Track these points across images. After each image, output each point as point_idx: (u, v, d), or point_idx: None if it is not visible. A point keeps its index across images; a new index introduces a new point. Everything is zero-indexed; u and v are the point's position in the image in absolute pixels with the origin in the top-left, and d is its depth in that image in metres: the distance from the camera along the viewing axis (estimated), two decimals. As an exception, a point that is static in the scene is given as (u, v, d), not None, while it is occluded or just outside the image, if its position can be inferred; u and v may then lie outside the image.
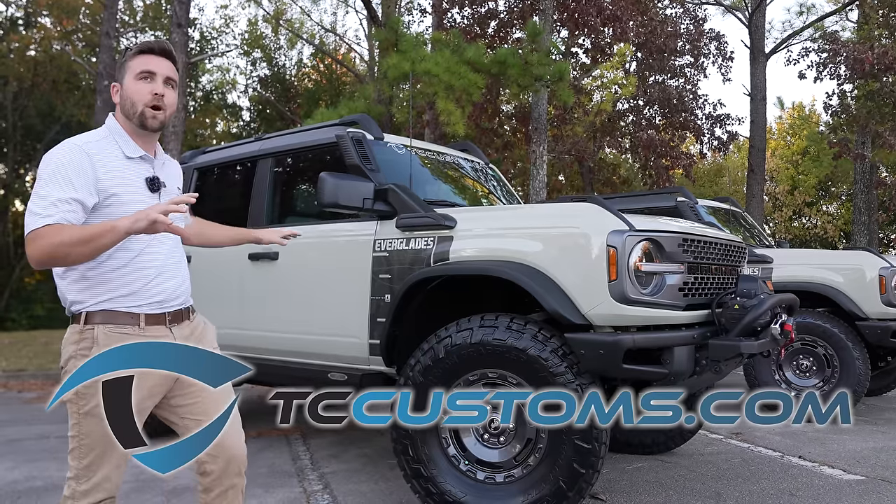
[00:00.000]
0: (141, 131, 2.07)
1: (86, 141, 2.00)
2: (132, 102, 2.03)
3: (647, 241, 2.97)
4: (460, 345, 3.06)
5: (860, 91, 14.59)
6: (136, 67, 2.04)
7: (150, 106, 2.03)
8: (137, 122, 2.04)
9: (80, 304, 1.99)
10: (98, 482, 2.00)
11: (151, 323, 2.04)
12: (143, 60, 2.04)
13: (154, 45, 2.06)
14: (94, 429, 1.96)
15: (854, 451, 4.65)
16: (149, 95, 2.02)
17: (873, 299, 5.55)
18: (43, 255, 1.82)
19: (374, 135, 4.16)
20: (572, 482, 2.88)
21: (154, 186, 2.07)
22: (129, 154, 2.04)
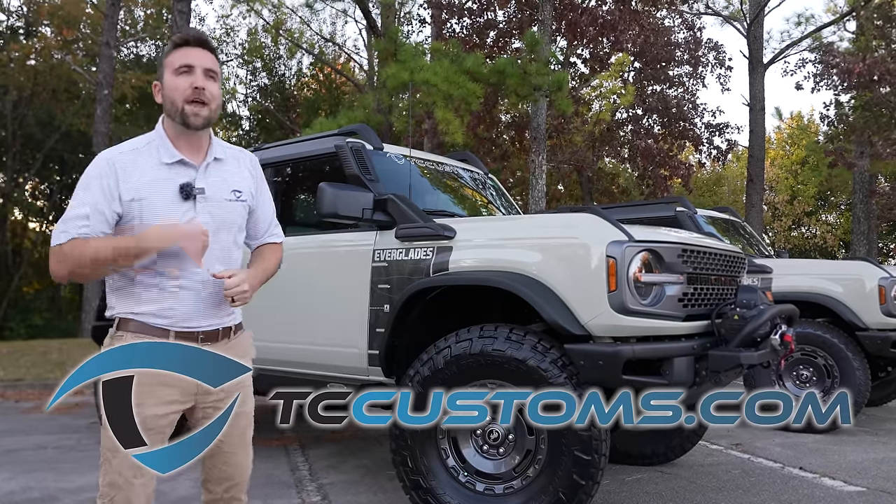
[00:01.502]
0: (186, 131, 1.95)
1: (120, 151, 1.95)
2: (172, 100, 1.92)
3: (646, 252, 2.97)
4: (460, 355, 3.06)
5: (857, 101, 14.64)
6: (174, 62, 1.92)
7: (190, 101, 1.90)
8: (180, 120, 1.92)
9: (114, 309, 1.98)
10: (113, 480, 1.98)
11: (182, 338, 1.96)
12: (181, 54, 1.92)
13: (190, 36, 1.95)
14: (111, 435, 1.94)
15: (855, 462, 4.64)
16: (189, 90, 1.90)
17: (873, 309, 5.54)
18: (63, 272, 1.87)
19: (374, 145, 4.16)
20: (572, 494, 2.87)
21: (187, 194, 1.92)
22: (166, 160, 1.93)
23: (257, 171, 2.16)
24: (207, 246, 1.89)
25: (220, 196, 1.99)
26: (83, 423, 5.98)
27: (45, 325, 20.14)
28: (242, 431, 2.13)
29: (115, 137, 18.19)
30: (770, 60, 16.87)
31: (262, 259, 2.21)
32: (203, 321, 1.99)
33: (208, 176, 1.98)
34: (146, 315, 1.94)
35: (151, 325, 1.93)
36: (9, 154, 20.49)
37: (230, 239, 2.05)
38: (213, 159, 2.01)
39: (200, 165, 1.98)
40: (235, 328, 2.11)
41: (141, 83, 19.07)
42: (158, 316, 1.94)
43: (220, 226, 1.99)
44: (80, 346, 11.43)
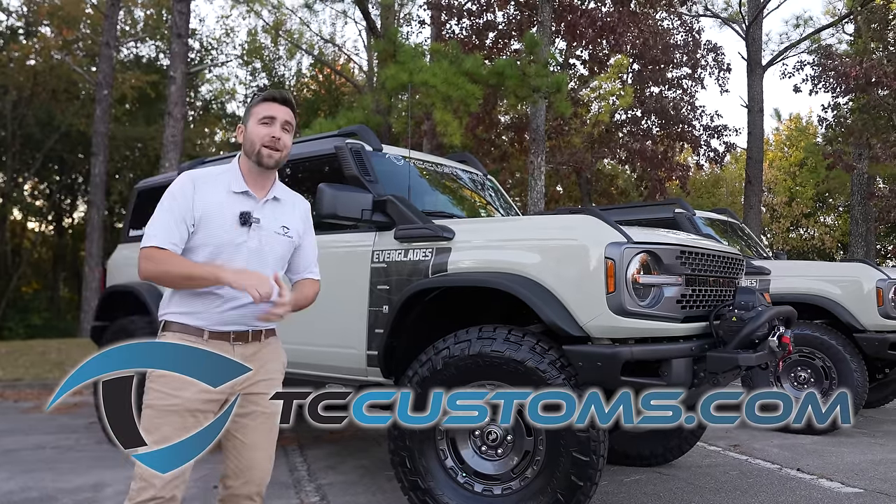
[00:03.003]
0: (257, 168, 2.26)
1: (202, 173, 2.25)
2: (251, 143, 2.24)
3: (644, 254, 2.97)
4: (458, 356, 3.07)
5: (855, 104, 14.67)
6: (260, 113, 2.24)
7: (266, 146, 2.22)
8: (255, 159, 2.24)
9: (165, 313, 2.23)
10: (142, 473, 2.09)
11: (215, 338, 2.20)
12: (266, 107, 2.25)
13: (277, 95, 2.27)
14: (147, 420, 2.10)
15: (852, 464, 4.64)
16: (267, 137, 2.22)
17: (871, 311, 5.55)
18: (150, 275, 2.14)
19: (373, 146, 4.17)
20: (570, 495, 2.88)
21: (244, 221, 2.21)
22: (234, 189, 2.23)
23: (307, 217, 2.50)
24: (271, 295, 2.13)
25: (271, 228, 2.29)
26: (82, 423, 5.98)
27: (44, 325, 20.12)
28: (268, 431, 2.36)
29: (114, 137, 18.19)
30: (769, 62, 16.89)
31: (300, 290, 2.50)
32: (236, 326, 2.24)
33: (265, 210, 2.27)
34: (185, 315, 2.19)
35: (189, 325, 2.18)
36: (8, 154, 20.47)
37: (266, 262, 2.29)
38: (273, 198, 2.31)
39: (261, 199, 2.27)
40: (267, 332, 2.37)
41: (140, 83, 19.07)
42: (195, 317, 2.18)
43: (268, 254, 2.28)
44: (79, 346, 11.43)
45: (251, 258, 2.23)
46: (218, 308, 2.20)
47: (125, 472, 4.33)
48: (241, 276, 2.09)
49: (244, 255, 2.22)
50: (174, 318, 2.20)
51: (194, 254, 2.18)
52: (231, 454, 2.30)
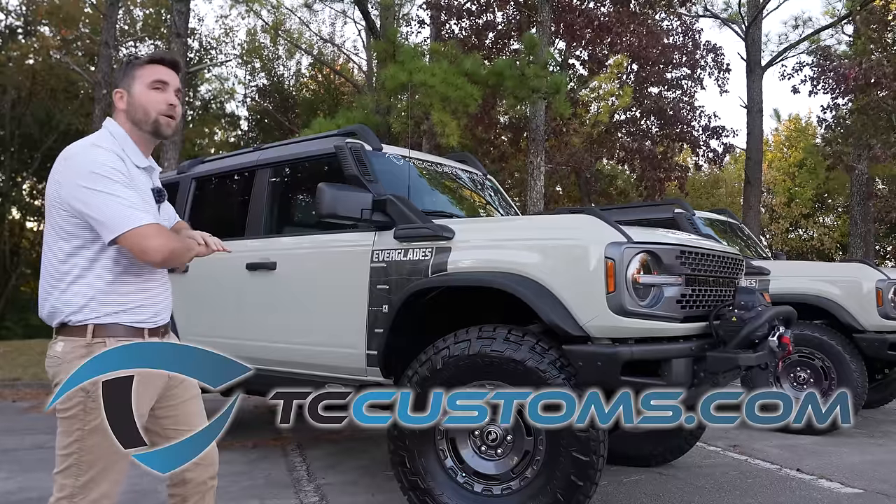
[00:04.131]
0: (150, 138, 2.09)
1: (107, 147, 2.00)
2: (145, 110, 2.05)
3: (644, 254, 2.97)
4: (458, 356, 3.06)
5: (854, 105, 14.67)
6: (148, 76, 2.06)
7: (164, 114, 2.06)
8: (151, 129, 2.06)
9: (88, 316, 1.96)
10: (96, 499, 1.95)
11: (152, 335, 2.07)
12: (155, 70, 2.07)
13: (165, 56, 2.11)
14: (99, 443, 1.92)
15: (852, 464, 4.64)
16: (164, 105, 2.05)
17: (870, 312, 5.55)
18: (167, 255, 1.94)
19: (373, 145, 4.16)
20: (570, 495, 2.87)
21: (160, 198, 2.11)
22: (139, 164, 2.06)
23: None
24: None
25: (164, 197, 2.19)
26: (80, 423, 5.96)
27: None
28: (202, 411, 2.22)
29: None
30: (768, 63, 16.88)
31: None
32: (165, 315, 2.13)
33: (155, 180, 2.17)
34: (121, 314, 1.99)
35: (128, 326, 1.99)
36: (7, 153, 20.44)
37: None
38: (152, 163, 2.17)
39: (154, 171, 2.17)
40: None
41: (139, 83, 19.03)
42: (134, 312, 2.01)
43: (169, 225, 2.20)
44: (78, 345, 11.39)
45: None
46: (156, 297, 2.07)
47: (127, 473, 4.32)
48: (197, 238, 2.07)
49: None
50: (107, 319, 1.97)
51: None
52: None
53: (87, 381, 1.91)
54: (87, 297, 1.96)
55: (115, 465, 1.97)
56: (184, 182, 5.14)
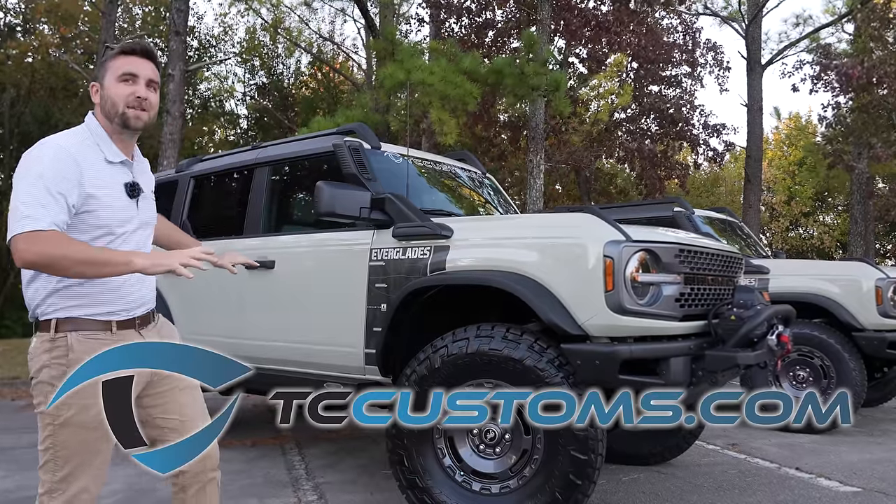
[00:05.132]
0: (123, 131, 2.04)
1: (71, 143, 1.95)
2: (113, 103, 2.00)
3: (643, 252, 2.96)
4: (456, 355, 3.06)
5: (855, 103, 14.66)
6: (118, 69, 2.00)
7: (130, 107, 2.00)
8: (119, 122, 2.01)
9: (50, 311, 1.95)
10: (75, 494, 1.94)
11: (122, 328, 2.02)
12: (125, 62, 2.01)
13: (136, 46, 2.03)
14: (71, 438, 1.92)
15: (851, 463, 4.64)
16: (132, 97, 2.00)
17: (870, 310, 5.55)
18: (39, 260, 1.80)
19: (372, 144, 4.16)
20: (568, 493, 2.87)
21: (133, 193, 2.05)
22: (111, 159, 2.01)
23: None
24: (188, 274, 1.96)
25: (148, 194, 2.15)
26: (79, 422, 5.96)
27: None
28: (198, 400, 2.22)
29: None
30: (768, 61, 16.88)
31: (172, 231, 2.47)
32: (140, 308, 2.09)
33: (136, 175, 2.10)
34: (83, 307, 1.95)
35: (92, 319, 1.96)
36: (6, 152, 20.43)
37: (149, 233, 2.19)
38: (137, 159, 2.14)
39: (135, 166, 2.11)
40: (154, 312, 2.21)
41: (139, 81, 19.02)
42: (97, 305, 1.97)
43: (149, 222, 2.16)
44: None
45: (141, 231, 2.09)
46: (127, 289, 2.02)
47: (124, 471, 4.31)
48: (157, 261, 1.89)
49: (141, 233, 2.09)
50: (68, 312, 1.94)
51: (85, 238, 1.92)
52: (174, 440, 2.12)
53: (52, 376, 1.91)
54: (48, 291, 1.94)
55: (93, 460, 1.96)
56: (182, 180, 5.14)
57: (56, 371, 1.92)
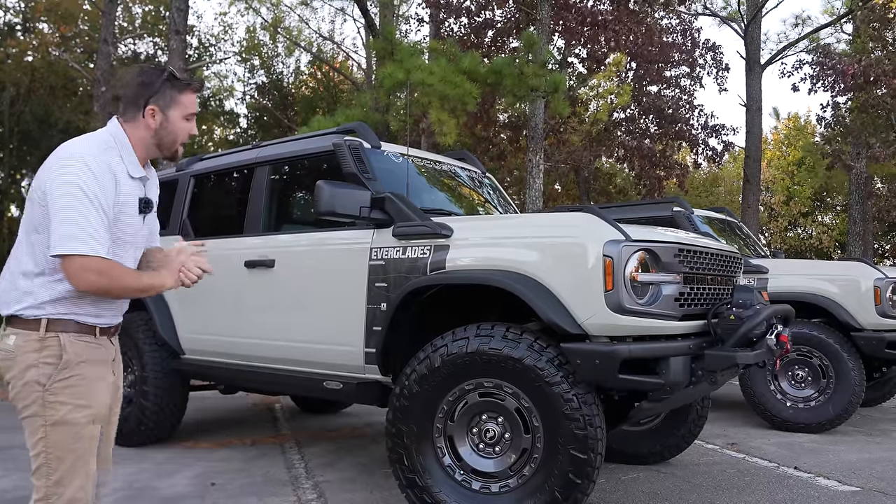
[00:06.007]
0: (155, 152, 2.11)
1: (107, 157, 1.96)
2: (175, 138, 2.10)
3: (643, 252, 2.97)
4: (456, 354, 3.06)
5: (854, 103, 14.67)
6: (187, 107, 2.09)
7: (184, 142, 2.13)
8: (168, 153, 2.12)
9: (43, 311, 1.93)
10: (72, 497, 1.92)
11: (103, 334, 2.05)
12: (193, 101, 2.10)
13: (200, 86, 2.15)
14: (63, 438, 1.91)
15: (849, 463, 4.65)
16: (187, 136, 2.12)
17: (868, 310, 5.55)
18: (100, 290, 1.91)
19: (372, 143, 4.16)
20: (568, 492, 2.88)
21: (144, 209, 2.08)
22: (133, 174, 2.04)
23: None
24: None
25: (153, 209, 2.17)
26: (79, 421, 5.96)
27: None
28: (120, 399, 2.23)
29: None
30: (767, 61, 16.88)
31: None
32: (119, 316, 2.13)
33: (148, 190, 2.13)
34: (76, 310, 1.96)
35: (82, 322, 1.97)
36: (6, 151, 20.41)
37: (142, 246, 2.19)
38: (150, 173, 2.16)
39: (148, 181, 2.13)
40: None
41: (138, 80, 19.01)
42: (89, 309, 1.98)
43: (152, 233, 2.20)
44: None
45: (139, 245, 2.12)
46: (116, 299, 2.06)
47: (123, 469, 4.32)
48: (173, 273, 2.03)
49: (139, 244, 2.12)
50: (63, 315, 1.94)
51: None
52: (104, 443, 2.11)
53: (41, 375, 1.90)
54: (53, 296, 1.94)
55: (88, 459, 1.96)
56: (182, 179, 5.14)
57: (45, 371, 1.90)
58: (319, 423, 6.05)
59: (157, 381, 4.80)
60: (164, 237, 5.18)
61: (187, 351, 4.79)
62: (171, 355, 4.84)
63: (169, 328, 4.82)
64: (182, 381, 4.97)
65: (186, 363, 4.80)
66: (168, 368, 4.83)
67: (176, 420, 5.04)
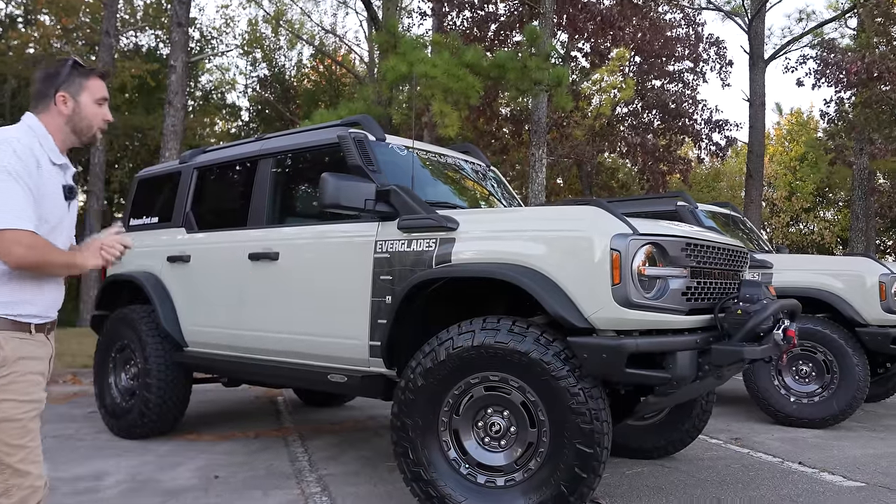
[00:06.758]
0: (76, 141, 2.17)
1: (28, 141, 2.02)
2: (89, 124, 2.17)
3: (650, 245, 2.95)
4: (462, 347, 3.05)
5: (857, 98, 14.63)
6: (96, 92, 2.17)
7: (101, 128, 2.20)
8: (86, 139, 2.19)
9: None
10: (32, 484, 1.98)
11: (38, 331, 2.07)
12: (101, 86, 2.19)
13: (106, 72, 2.26)
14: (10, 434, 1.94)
15: (854, 458, 4.64)
16: (102, 120, 2.20)
17: (873, 306, 5.54)
18: (31, 264, 1.94)
19: (376, 135, 4.14)
20: (574, 487, 2.86)
21: (70, 195, 2.13)
22: (55, 160, 2.09)
23: None
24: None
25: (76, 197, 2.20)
26: (81, 413, 5.97)
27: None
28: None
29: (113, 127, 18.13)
30: (771, 56, 16.84)
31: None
32: (54, 312, 2.15)
33: (67, 178, 2.16)
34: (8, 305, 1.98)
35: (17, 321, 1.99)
36: (7, 143, 20.37)
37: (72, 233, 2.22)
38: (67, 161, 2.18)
39: (68, 169, 2.17)
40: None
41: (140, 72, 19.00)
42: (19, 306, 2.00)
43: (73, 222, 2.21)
44: (79, 334, 11.41)
45: (67, 232, 2.16)
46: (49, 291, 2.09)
47: (126, 462, 4.32)
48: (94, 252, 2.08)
49: (67, 231, 2.15)
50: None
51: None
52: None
53: None
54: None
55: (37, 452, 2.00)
56: (185, 172, 5.12)
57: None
58: (322, 416, 6.05)
59: (160, 373, 4.79)
60: (167, 230, 5.18)
61: (190, 343, 4.78)
62: (175, 348, 4.83)
63: (172, 320, 4.80)
64: (185, 374, 4.96)
65: (189, 356, 4.79)
66: (171, 361, 4.82)
67: (179, 413, 5.03)
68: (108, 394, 5.19)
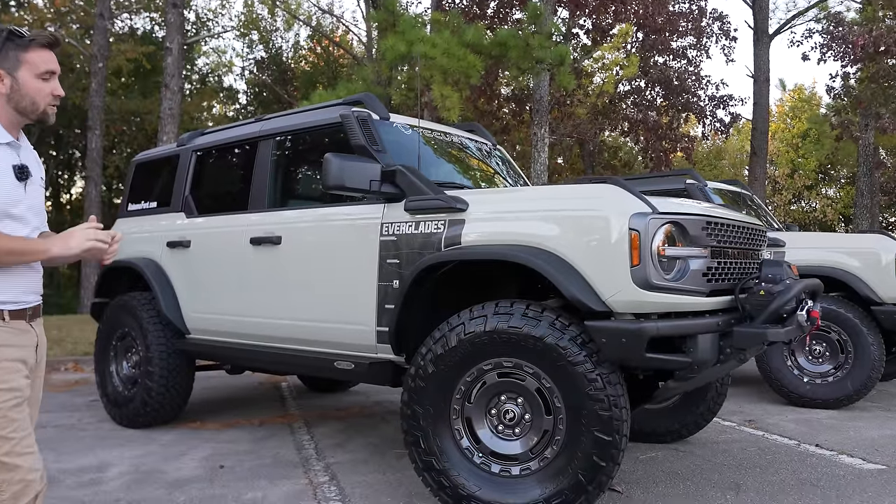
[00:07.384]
0: (24, 121, 2.01)
1: None
2: (33, 101, 1.97)
3: (670, 224, 2.83)
4: (474, 332, 2.93)
5: (863, 73, 14.42)
6: (38, 66, 1.97)
7: (52, 105, 2.02)
8: (37, 118, 2.01)
9: None
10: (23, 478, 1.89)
11: (15, 318, 1.95)
12: (43, 58, 1.98)
13: (53, 40, 2.00)
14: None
15: (871, 439, 4.54)
16: (51, 96, 2.00)
17: (889, 284, 5.42)
18: None
19: (380, 114, 4.00)
20: (592, 475, 2.76)
21: (22, 175, 1.95)
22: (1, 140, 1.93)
23: None
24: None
25: (37, 177, 2.03)
26: (83, 402, 5.88)
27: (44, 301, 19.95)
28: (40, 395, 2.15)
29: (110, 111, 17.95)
30: (776, 31, 16.61)
31: None
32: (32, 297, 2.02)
33: (28, 158, 2.01)
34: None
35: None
36: (3, 129, 20.21)
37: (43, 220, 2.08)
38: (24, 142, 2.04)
39: (22, 148, 2.01)
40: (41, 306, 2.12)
41: (136, 55, 18.78)
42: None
43: (38, 209, 2.03)
44: (79, 321, 11.33)
45: (31, 216, 1.99)
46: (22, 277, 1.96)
47: (130, 452, 4.23)
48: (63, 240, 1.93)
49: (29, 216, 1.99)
50: None
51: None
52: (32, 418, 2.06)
53: None
54: None
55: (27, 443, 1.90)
56: (184, 155, 4.99)
57: None
58: (328, 402, 5.96)
59: (162, 361, 4.69)
60: (166, 215, 5.06)
61: (192, 330, 4.68)
62: (176, 335, 4.72)
63: (173, 308, 4.70)
64: (187, 362, 4.86)
65: (192, 343, 4.68)
66: (173, 348, 4.72)
67: (182, 401, 4.93)
68: (109, 382, 5.10)
